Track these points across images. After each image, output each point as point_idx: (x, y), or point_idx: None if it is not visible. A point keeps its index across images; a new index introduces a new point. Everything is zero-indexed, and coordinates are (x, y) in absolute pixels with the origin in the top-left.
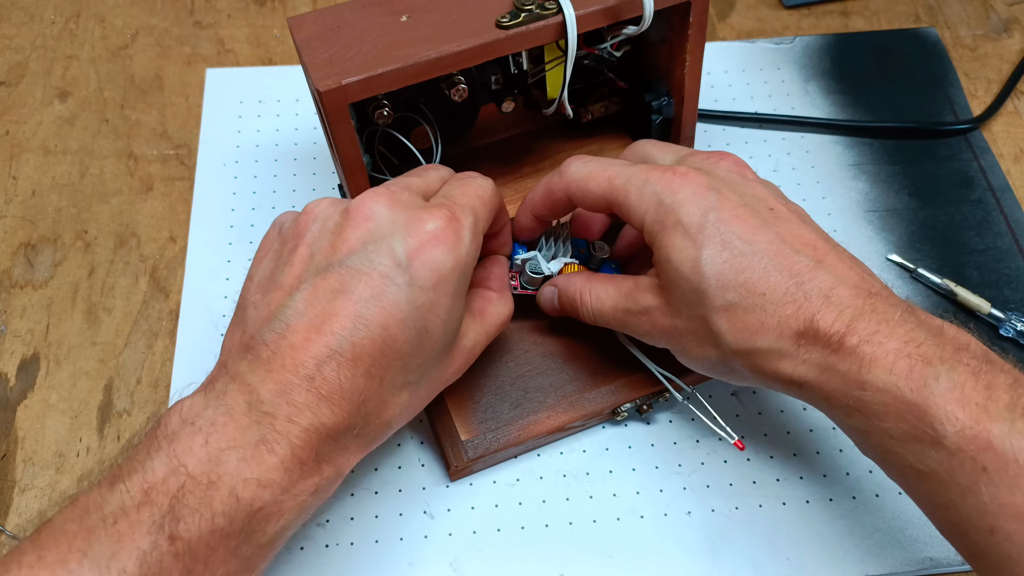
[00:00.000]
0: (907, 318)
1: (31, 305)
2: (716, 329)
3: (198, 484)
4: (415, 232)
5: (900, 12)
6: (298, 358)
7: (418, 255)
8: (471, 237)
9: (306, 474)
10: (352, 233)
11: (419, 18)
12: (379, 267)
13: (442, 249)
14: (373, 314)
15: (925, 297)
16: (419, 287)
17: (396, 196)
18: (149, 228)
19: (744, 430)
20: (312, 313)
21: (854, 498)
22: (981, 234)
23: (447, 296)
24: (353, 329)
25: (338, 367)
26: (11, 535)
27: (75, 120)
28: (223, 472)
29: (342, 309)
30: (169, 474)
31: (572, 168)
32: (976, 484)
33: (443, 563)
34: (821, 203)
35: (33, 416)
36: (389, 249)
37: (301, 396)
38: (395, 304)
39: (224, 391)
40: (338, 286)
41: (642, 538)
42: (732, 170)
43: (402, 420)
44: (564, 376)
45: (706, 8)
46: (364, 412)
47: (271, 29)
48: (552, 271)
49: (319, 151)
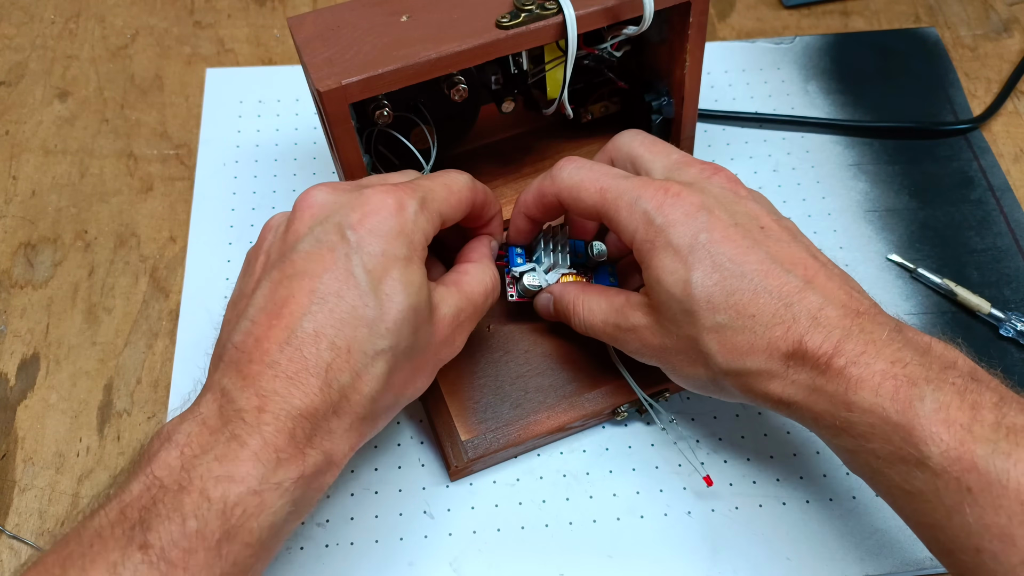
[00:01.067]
0: (894, 337)
1: (31, 305)
2: (706, 350)
3: (168, 491)
4: (358, 206)
5: (900, 12)
6: (262, 347)
7: (362, 223)
8: (417, 207)
9: (284, 462)
10: (298, 224)
11: (419, 18)
12: (327, 243)
13: (383, 215)
14: (327, 286)
15: (925, 297)
16: (367, 252)
17: (337, 184)
18: (149, 228)
19: (744, 430)
20: (271, 303)
21: (854, 498)
22: (981, 234)
23: (397, 260)
24: (310, 305)
25: (301, 345)
26: (11, 535)
27: (75, 120)
28: (194, 476)
29: (298, 289)
30: (143, 490)
31: (564, 173)
32: (961, 505)
33: (443, 563)
34: (821, 203)
35: (33, 416)
36: (335, 225)
37: (268, 383)
38: (346, 271)
39: (199, 403)
40: (292, 271)
41: (642, 538)
42: (724, 186)
43: (390, 397)
44: (564, 376)
45: (706, 8)
46: (338, 386)
47: (271, 29)
48: (549, 283)
49: (319, 151)
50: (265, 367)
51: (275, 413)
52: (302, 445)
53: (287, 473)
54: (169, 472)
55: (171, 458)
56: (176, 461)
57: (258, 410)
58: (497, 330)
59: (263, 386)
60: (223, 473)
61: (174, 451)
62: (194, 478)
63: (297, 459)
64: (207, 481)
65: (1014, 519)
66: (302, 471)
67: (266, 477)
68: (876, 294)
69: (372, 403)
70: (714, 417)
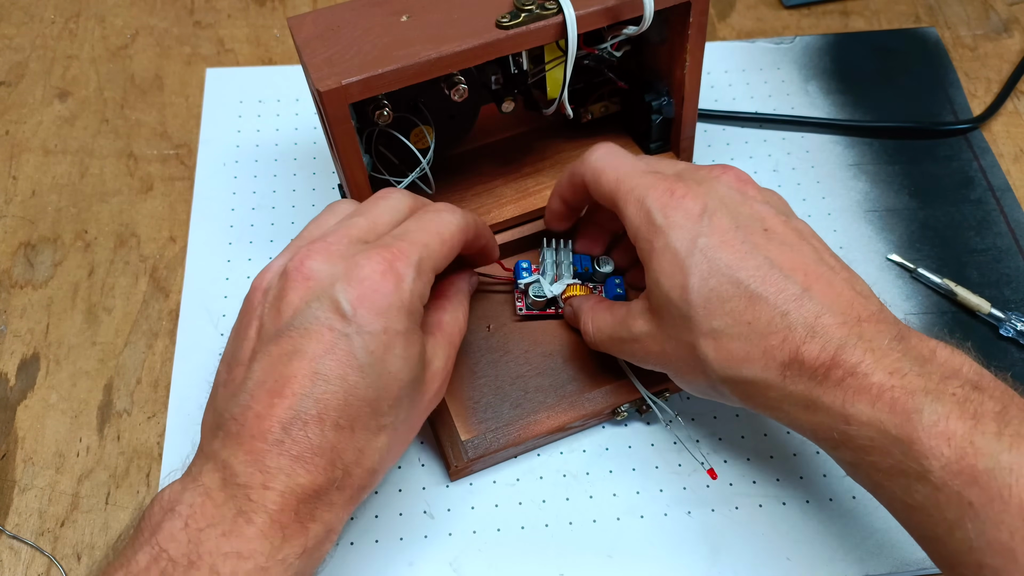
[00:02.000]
0: (895, 347)
1: (31, 305)
2: (703, 356)
3: (178, 567)
4: (354, 280)
5: (900, 12)
6: (264, 425)
7: (361, 303)
8: (415, 275)
9: (289, 537)
10: (293, 295)
11: (419, 18)
12: (325, 322)
13: (383, 292)
14: (329, 368)
15: (925, 297)
16: (368, 333)
17: (330, 248)
18: (149, 228)
19: (744, 430)
20: (271, 380)
21: (854, 498)
22: (981, 234)
23: (398, 336)
24: (312, 387)
25: (304, 426)
26: (11, 535)
27: (75, 120)
28: (203, 551)
29: (298, 370)
30: (151, 563)
31: (593, 156)
32: (962, 519)
33: (443, 563)
34: (821, 203)
35: (33, 416)
36: (332, 301)
37: (273, 461)
38: (348, 354)
39: (200, 472)
40: (291, 349)
41: (642, 538)
42: (733, 186)
43: (389, 462)
44: (564, 376)
45: (706, 8)
46: (342, 464)
47: (271, 29)
48: (554, 293)
49: (319, 151)
50: (270, 445)
51: (280, 491)
52: (305, 520)
53: (292, 548)
54: (176, 545)
55: (176, 529)
56: (182, 534)
57: (263, 487)
58: (497, 330)
59: (267, 464)
60: (231, 550)
61: (178, 522)
62: (203, 553)
63: (301, 534)
64: (216, 557)
65: (1016, 535)
66: (305, 545)
67: (272, 553)
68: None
69: (373, 474)
70: (714, 417)
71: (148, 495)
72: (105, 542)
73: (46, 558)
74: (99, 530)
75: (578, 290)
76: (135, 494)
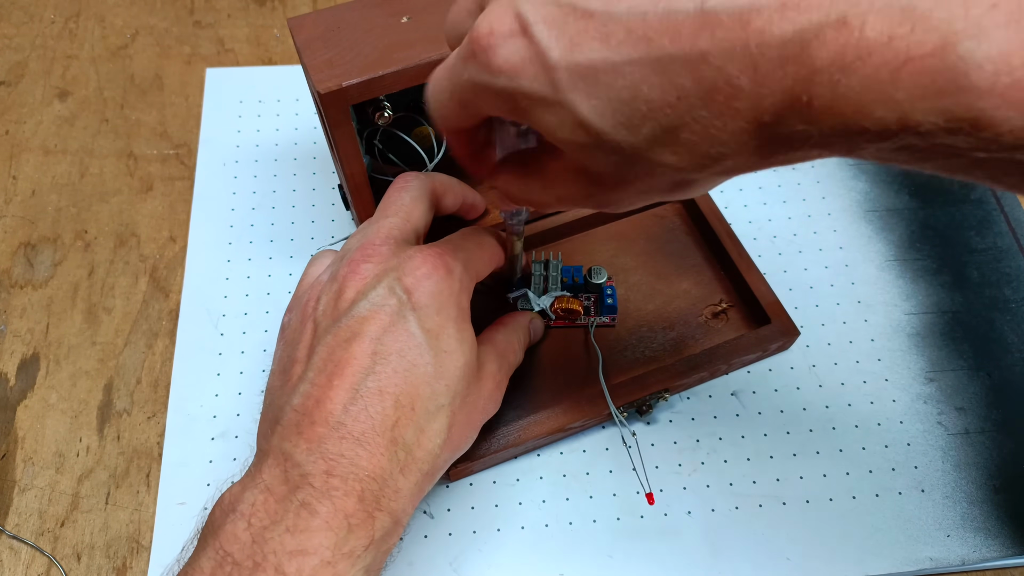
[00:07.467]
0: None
1: (31, 305)
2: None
3: (242, 569)
4: (408, 270)
5: None
6: (325, 409)
7: (416, 287)
8: (462, 271)
9: (355, 527)
10: (350, 291)
11: (420, 19)
12: (383, 306)
13: (436, 279)
14: (387, 346)
15: (925, 297)
16: (424, 312)
17: (380, 250)
18: (149, 228)
19: (744, 430)
20: (331, 364)
21: (854, 498)
22: (981, 234)
23: (451, 320)
24: (372, 364)
25: (366, 404)
26: (11, 535)
27: (75, 120)
28: (268, 551)
29: (358, 350)
30: (216, 567)
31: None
32: None
33: (443, 563)
34: (821, 203)
35: (33, 416)
36: (388, 288)
37: (334, 445)
38: (407, 332)
39: (259, 470)
40: (349, 334)
41: (642, 538)
42: None
43: (448, 450)
44: (564, 376)
45: None
46: (403, 444)
47: (271, 29)
48: (543, 305)
49: (319, 151)
50: (330, 429)
51: (343, 476)
52: (371, 508)
53: (358, 540)
54: (240, 547)
55: (239, 530)
56: (245, 534)
57: (326, 474)
58: None
59: (329, 449)
60: (296, 547)
61: (241, 523)
62: (267, 553)
63: (367, 524)
64: (281, 557)
65: None
66: (372, 536)
67: (338, 546)
68: (876, 294)
69: (435, 458)
70: (714, 417)
71: (148, 495)
72: (105, 542)
73: (46, 558)
74: (99, 530)
75: (569, 301)
76: (135, 494)
